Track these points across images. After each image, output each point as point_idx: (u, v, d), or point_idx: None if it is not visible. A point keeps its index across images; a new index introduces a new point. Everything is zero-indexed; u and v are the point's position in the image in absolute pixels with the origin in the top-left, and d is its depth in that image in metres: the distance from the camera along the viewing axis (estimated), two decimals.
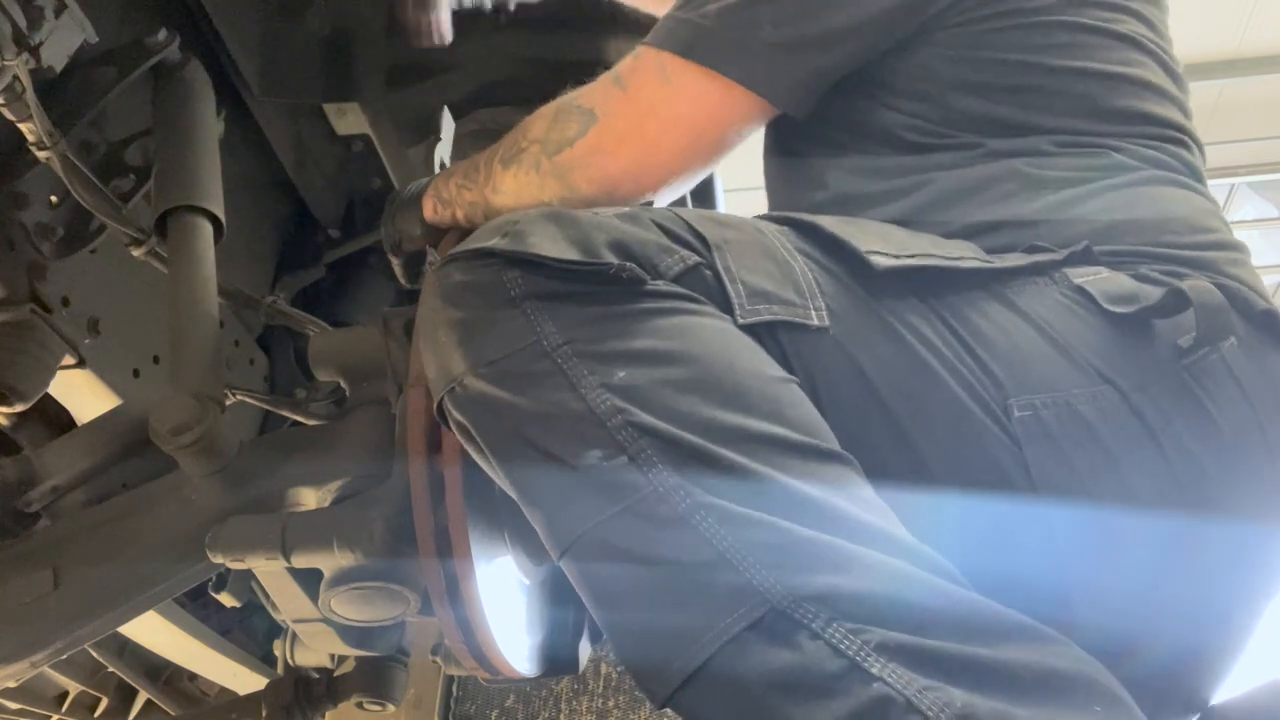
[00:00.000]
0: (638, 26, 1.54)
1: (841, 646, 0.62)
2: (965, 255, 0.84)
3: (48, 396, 1.29)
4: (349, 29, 1.59)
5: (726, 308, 0.78)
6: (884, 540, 0.67)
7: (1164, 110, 0.97)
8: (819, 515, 0.67)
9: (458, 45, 1.55)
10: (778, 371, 0.76)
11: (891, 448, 0.78)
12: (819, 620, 0.62)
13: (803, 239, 0.86)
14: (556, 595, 1.23)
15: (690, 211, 0.86)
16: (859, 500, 0.70)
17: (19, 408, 1.22)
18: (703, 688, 0.65)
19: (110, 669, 1.69)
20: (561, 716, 2.15)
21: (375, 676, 1.37)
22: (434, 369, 0.81)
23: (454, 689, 2.25)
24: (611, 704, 2.14)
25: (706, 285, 0.79)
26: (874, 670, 0.60)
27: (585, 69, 1.20)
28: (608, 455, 0.70)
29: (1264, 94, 5.56)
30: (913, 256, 0.81)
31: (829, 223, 0.86)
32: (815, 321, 0.78)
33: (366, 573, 0.99)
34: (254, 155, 1.73)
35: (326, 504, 1.09)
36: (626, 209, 0.86)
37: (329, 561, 0.99)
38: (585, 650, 1.22)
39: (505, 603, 1.05)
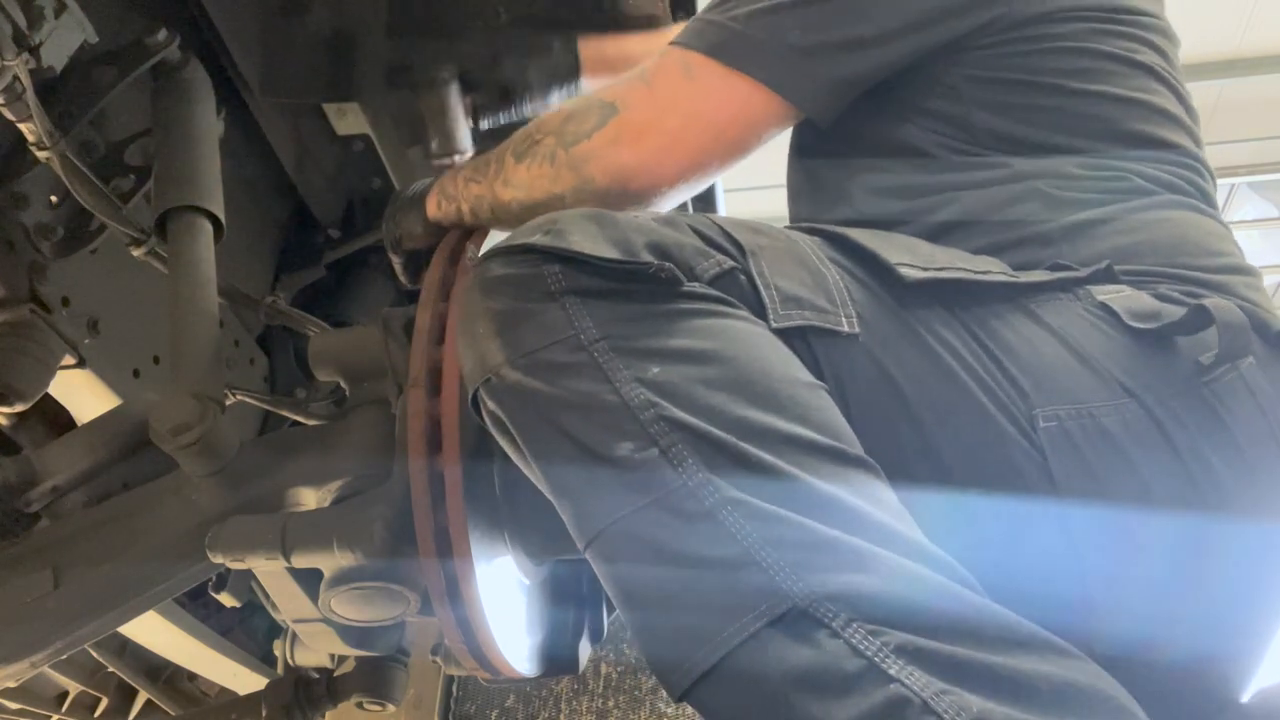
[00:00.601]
0: (638, 26, 1.54)
1: (861, 647, 0.62)
2: (991, 270, 0.85)
3: (48, 396, 1.29)
4: (349, 29, 1.59)
5: (760, 312, 0.80)
6: (904, 544, 0.67)
7: (1178, 137, 0.99)
8: (843, 516, 0.68)
9: (458, 45, 1.55)
10: (807, 376, 0.77)
11: (917, 453, 0.79)
12: (839, 620, 0.63)
13: (834, 249, 0.87)
14: (556, 595, 1.23)
15: (725, 218, 0.87)
16: (881, 504, 0.70)
17: (19, 408, 1.22)
18: (722, 682, 0.65)
19: (110, 669, 1.69)
20: (561, 716, 2.15)
21: (375, 676, 1.37)
22: (470, 360, 0.82)
23: (454, 689, 2.25)
24: (611, 704, 2.14)
25: (741, 289, 0.80)
26: (892, 671, 0.61)
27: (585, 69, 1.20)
28: (639, 448, 0.71)
29: (1264, 94, 5.55)
30: (941, 269, 0.83)
31: (858, 235, 0.87)
32: (846, 328, 0.80)
33: (366, 573, 0.99)
34: (254, 155, 1.73)
35: (326, 504, 1.09)
36: (664, 214, 0.87)
37: (329, 561, 0.99)
38: (585, 650, 1.22)
39: (505, 603, 1.05)
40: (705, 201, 1.82)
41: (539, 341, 0.77)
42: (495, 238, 1.13)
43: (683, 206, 1.17)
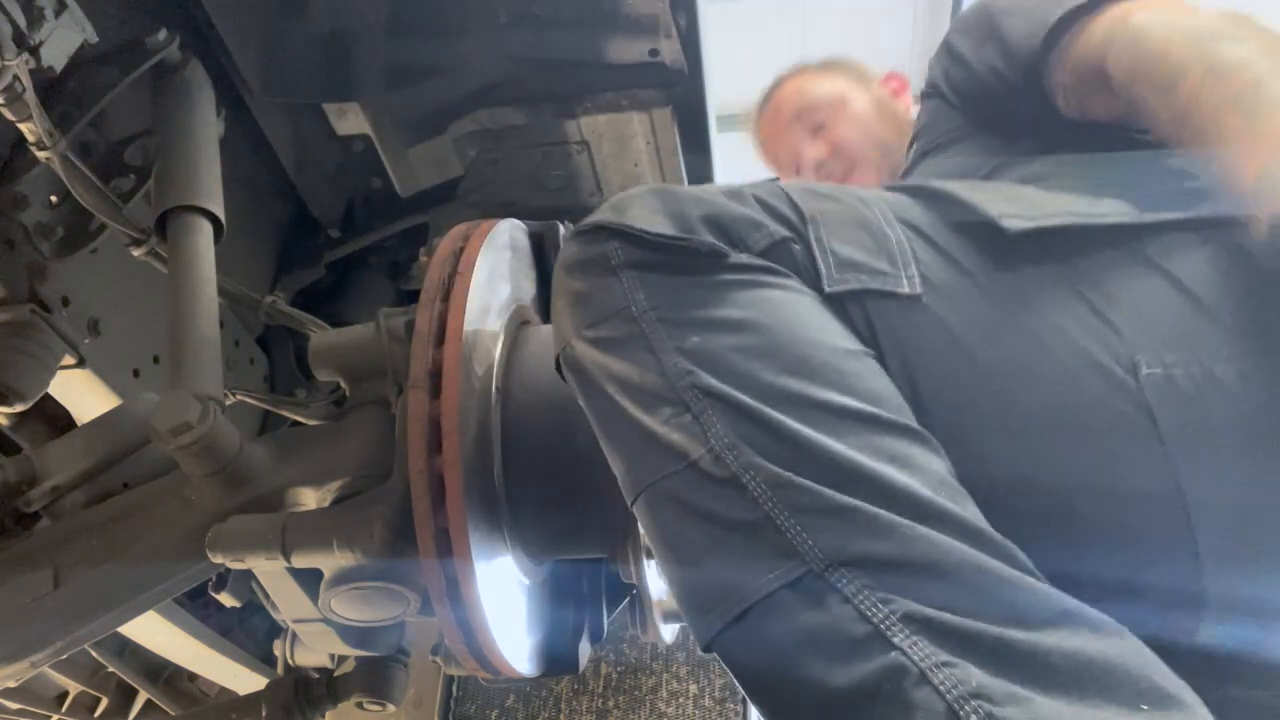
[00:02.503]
0: (638, 26, 1.54)
1: (869, 613, 0.63)
2: (1110, 213, 0.82)
3: (48, 396, 1.29)
4: (349, 29, 1.59)
5: (815, 279, 0.81)
6: (935, 515, 0.67)
7: None
8: (867, 484, 0.68)
9: (458, 45, 1.55)
10: (850, 343, 0.78)
11: (994, 414, 0.76)
12: (851, 585, 0.65)
13: (920, 203, 0.86)
14: (556, 595, 1.23)
15: (794, 185, 0.88)
16: (921, 473, 0.70)
17: (19, 408, 1.22)
18: (740, 637, 0.68)
19: (110, 669, 1.69)
20: (561, 716, 2.15)
21: (375, 676, 1.37)
22: (555, 332, 0.88)
23: (454, 689, 2.25)
24: (611, 704, 2.14)
25: (794, 259, 0.82)
26: (896, 640, 0.62)
27: (585, 69, 1.20)
28: (676, 414, 0.74)
29: None
30: (1049, 217, 0.81)
31: (954, 187, 0.87)
32: (906, 289, 0.80)
33: (366, 573, 0.99)
34: (254, 155, 1.73)
35: (326, 504, 1.09)
36: (731, 186, 0.88)
37: (329, 561, 0.99)
38: (585, 650, 1.22)
39: (505, 603, 1.05)
40: None
41: (600, 314, 0.81)
42: (495, 237, 1.13)
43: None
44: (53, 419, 1.38)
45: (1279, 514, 0.72)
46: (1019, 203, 0.84)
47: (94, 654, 1.64)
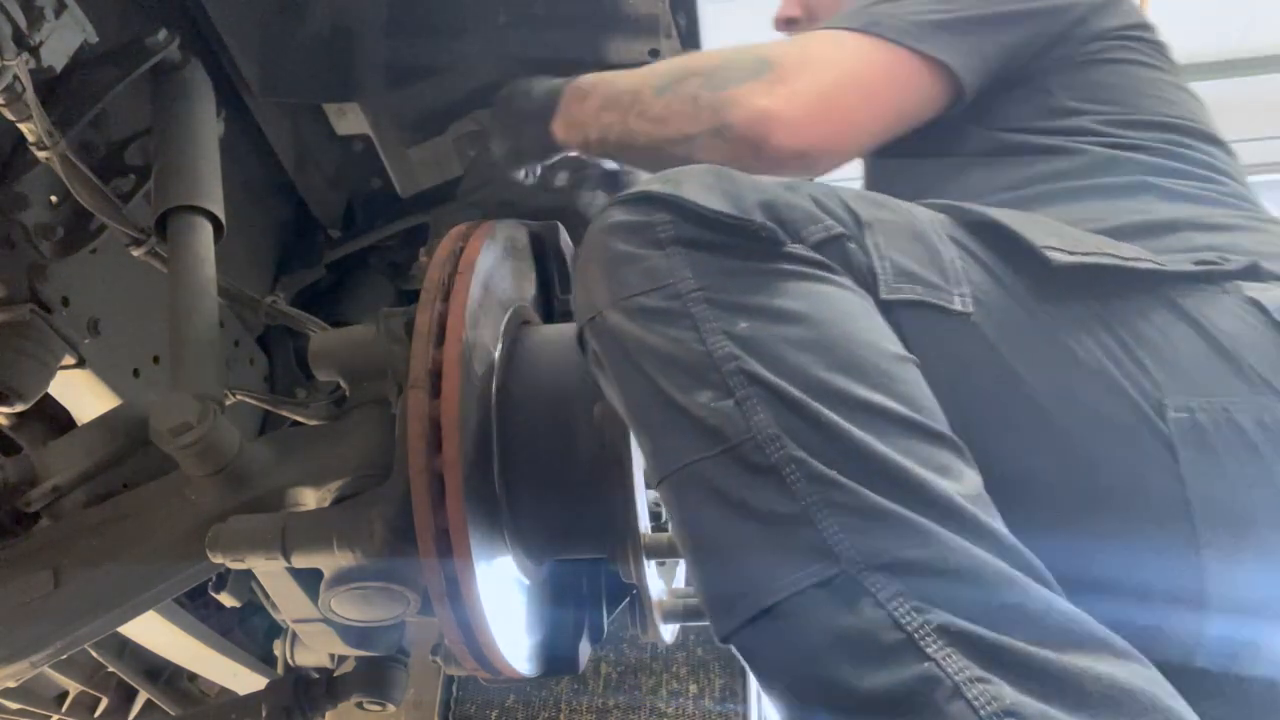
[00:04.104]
0: (638, 26, 1.53)
1: (903, 621, 0.62)
2: (1142, 257, 0.84)
3: (48, 396, 1.29)
4: (349, 29, 1.59)
5: (870, 283, 0.80)
6: (972, 527, 0.67)
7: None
8: (908, 489, 0.68)
9: (458, 45, 1.55)
10: (898, 348, 0.77)
11: (1031, 438, 0.78)
12: (885, 591, 0.64)
13: (964, 228, 0.86)
14: (556, 595, 1.23)
15: (849, 190, 0.88)
16: (954, 481, 0.70)
17: (19, 408, 1.22)
18: (764, 631, 0.67)
19: (110, 669, 1.69)
20: (561, 716, 2.16)
21: (375, 676, 1.37)
22: (581, 300, 0.85)
23: (454, 689, 2.25)
24: (611, 704, 2.14)
25: (847, 258, 0.81)
26: (929, 650, 0.61)
27: (585, 69, 1.20)
28: (717, 397, 0.73)
29: (1264, 94, 5.55)
30: (1089, 254, 0.82)
31: (1001, 215, 0.86)
32: (958, 307, 0.80)
33: (366, 573, 0.99)
34: (254, 155, 1.73)
35: (326, 504, 1.09)
36: (787, 179, 0.87)
37: (329, 561, 0.99)
38: (585, 650, 1.22)
39: (505, 603, 1.05)
40: None
41: (640, 286, 0.79)
42: (495, 237, 1.13)
43: None
44: (53, 419, 1.38)
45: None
46: (1063, 236, 0.85)
47: (94, 654, 1.64)
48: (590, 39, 1.57)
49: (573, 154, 1.23)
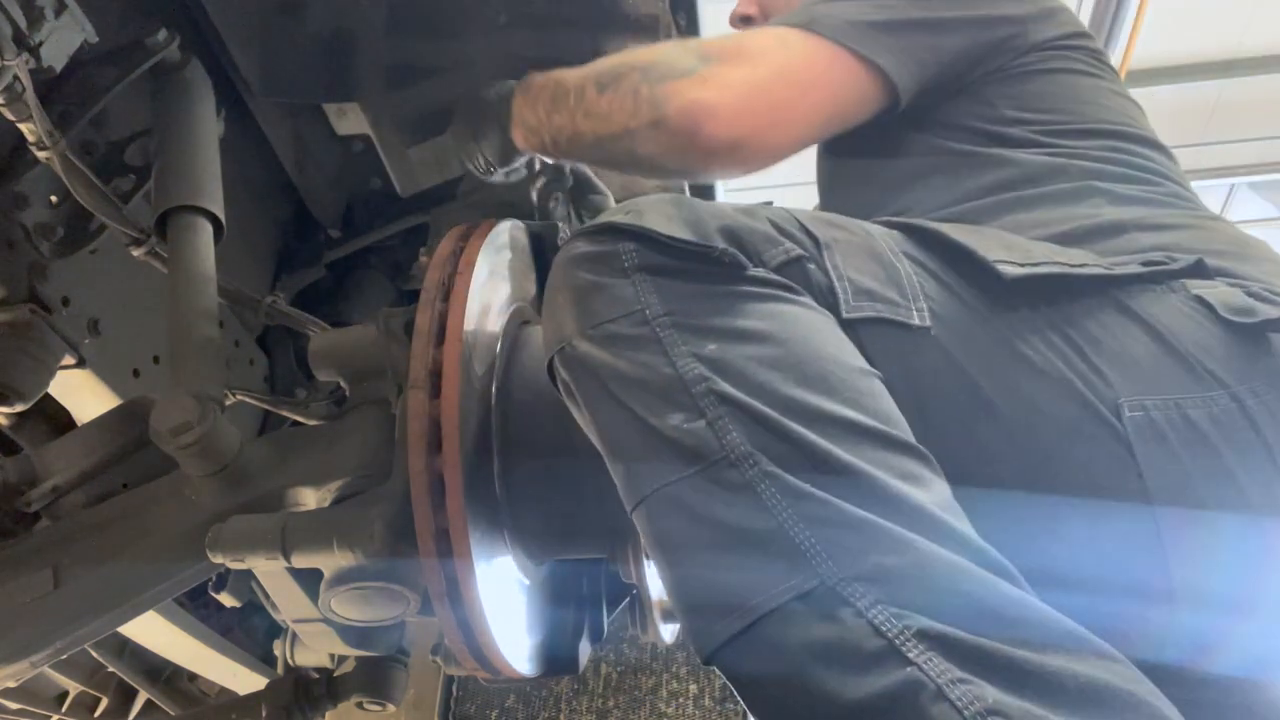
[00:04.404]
0: (638, 26, 1.53)
1: (883, 628, 0.63)
2: (1087, 263, 0.86)
3: (48, 396, 1.29)
4: (349, 29, 1.59)
5: (831, 302, 0.82)
6: (945, 533, 0.68)
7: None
8: (882, 500, 0.69)
9: (458, 45, 1.55)
10: (862, 363, 0.79)
11: (995, 445, 0.80)
12: (865, 600, 0.65)
13: (916, 243, 0.88)
14: (556, 595, 1.23)
15: (804, 212, 0.89)
16: (925, 490, 0.71)
17: (19, 408, 1.22)
18: (746, 648, 0.68)
19: (110, 669, 1.69)
20: (561, 716, 2.15)
21: (375, 676, 1.37)
22: (549, 330, 0.86)
23: (454, 689, 2.25)
24: (611, 704, 2.14)
25: (808, 278, 0.83)
26: (911, 655, 0.62)
27: None
28: (689, 419, 0.74)
29: (1264, 94, 5.55)
30: (1038, 265, 0.83)
31: (950, 230, 0.88)
32: (917, 321, 0.81)
33: (366, 573, 0.99)
34: (254, 155, 1.73)
35: (326, 504, 1.09)
36: (744, 205, 0.89)
37: (329, 561, 0.99)
38: (585, 650, 1.22)
39: (505, 603, 1.05)
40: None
41: (608, 314, 0.80)
42: (496, 236, 1.13)
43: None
44: (53, 419, 1.38)
45: (1246, 554, 0.78)
46: (1012, 249, 0.86)
47: (94, 654, 1.64)
48: (590, 39, 1.57)
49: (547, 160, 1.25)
